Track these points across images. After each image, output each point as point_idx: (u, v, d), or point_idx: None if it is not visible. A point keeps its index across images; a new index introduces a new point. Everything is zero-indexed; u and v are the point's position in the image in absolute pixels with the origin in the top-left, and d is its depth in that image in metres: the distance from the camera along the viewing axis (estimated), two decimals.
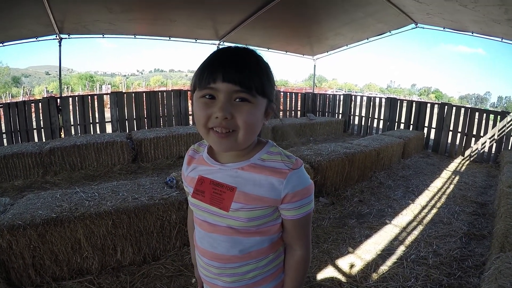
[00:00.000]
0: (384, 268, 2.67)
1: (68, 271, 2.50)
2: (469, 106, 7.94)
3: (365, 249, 3.00)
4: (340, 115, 10.39)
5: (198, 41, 8.98)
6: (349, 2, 6.74)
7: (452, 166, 6.30)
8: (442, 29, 7.26)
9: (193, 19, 7.46)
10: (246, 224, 0.90)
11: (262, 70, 0.84)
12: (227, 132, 0.82)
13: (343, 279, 2.51)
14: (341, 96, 10.61)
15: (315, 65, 11.30)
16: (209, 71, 0.80)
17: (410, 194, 4.51)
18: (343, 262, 2.75)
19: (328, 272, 2.60)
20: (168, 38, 8.58)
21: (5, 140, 6.90)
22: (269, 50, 10.09)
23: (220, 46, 9.19)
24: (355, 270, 2.63)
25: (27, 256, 2.36)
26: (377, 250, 2.97)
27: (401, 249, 3.00)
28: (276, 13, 7.02)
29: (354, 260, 2.78)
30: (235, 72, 0.79)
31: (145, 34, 8.40)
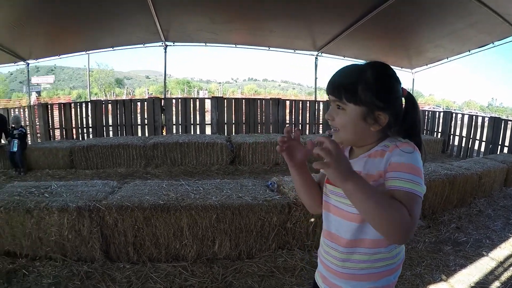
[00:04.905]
0: None
1: (165, 255, 2.72)
2: None
3: (458, 278, 2.83)
4: (439, 134, 9.44)
5: (296, 51, 9.13)
6: (449, 13, 6.33)
7: None
8: None
9: (291, 29, 7.68)
10: None
11: (358, 80, 1.00)
12: (335, 129, 1.07)
13: None
14: (441, 114, 9.75)
15: (413, 79, 10.66)
16: (327, 85, 1.07)
17: (511, 227, 4.06)
18: None
19: None
20: (267, 48, 8.91)
21: (111, 132, 7.93)
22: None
23: (318, 57, 9.27)
24: None
25: (129, 235, 2.63)
26: (471, 282, 2.78)
27: (495, 285, 2.77)
28: (373, 25, 6.92)
29: None
30: (332, 85, 1.05)
31: (244, 43, 8.80)
